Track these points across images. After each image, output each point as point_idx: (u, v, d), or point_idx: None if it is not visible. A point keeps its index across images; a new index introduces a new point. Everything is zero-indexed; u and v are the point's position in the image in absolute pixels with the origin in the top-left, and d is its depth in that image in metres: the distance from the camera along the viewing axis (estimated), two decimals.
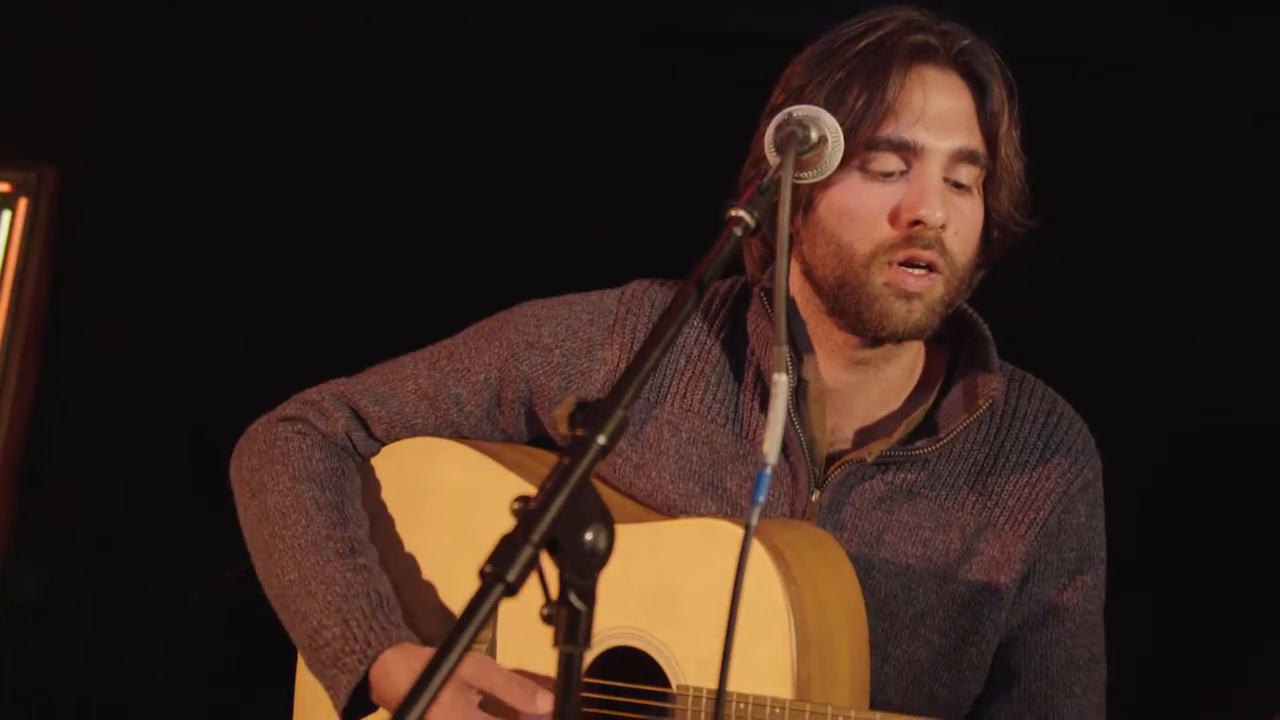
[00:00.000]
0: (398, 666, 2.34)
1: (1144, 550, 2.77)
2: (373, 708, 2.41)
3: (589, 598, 1.64)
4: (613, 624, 2.33)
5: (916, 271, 2.32)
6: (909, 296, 2.32)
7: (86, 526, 3.76)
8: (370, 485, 2.57)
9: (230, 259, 3.69)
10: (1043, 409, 2.50)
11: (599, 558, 1.64)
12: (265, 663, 2.66)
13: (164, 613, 3.68)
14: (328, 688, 2.41)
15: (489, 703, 2.33)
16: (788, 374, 1.84)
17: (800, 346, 2.44)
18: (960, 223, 2.34)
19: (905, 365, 2.46)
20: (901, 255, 2.32)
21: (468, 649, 1.55)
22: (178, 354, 3.72)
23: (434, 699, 1.51)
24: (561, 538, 1.63)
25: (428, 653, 2.32)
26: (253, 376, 2.70)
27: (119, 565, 3.75)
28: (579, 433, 1.67)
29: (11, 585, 3.72)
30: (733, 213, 1.91)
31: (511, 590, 1.57)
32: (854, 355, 2.42)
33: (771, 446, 1.80)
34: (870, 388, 2.45)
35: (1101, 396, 2.60)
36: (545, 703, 2.29)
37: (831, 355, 2.43)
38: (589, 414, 1.69)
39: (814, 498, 2.43)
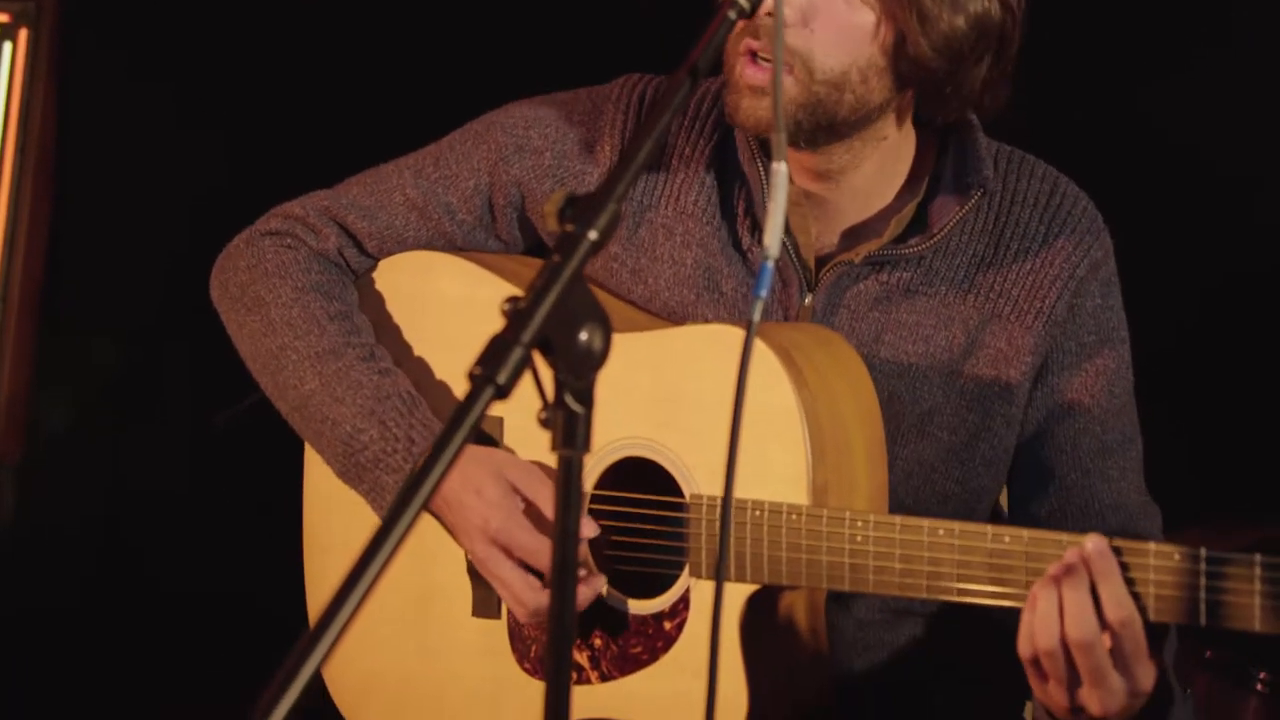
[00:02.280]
0: None
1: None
2: None
3: (586, 400, 1.57)
4: (621, 435, 2.27)
5: (760, 63, 2.22)
6: (750, 90, 2.23)
7: (109, 357, 3.78)
8: (366, 302, 2.49)
9: (236, 77, 3.65)
10: (1044, 189, 2.38)
11: (595, 358, 1.57)
12: (288, 480, 2.62)
13: (188, 438, 3.72)
14: (368, 492, 2.36)
15: (530, 509, 2.29)
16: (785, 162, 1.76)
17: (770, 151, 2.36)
18: (820, 17, 2.21)
19: (872, 171, 2.34)
20: (743, 45, 2.23)
21: (459, 453, 1.49)
22: (189, 178, 3.68)
23: (435, 491, 1.48)
24: (554, 338, 1.56)
25: (473, 451, 2.30)
26: (264, 196, 2.62)
27: (142, 393, 3.78)
28: (569, 228, 1.59)
29: (39, 418, 3.74)
30: None
31: (502, 393, 1.51)
32: (802, 162, 2.32)
33: (773, 238, 1.73)
34: (841, 197, 2.35)
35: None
36: (590, 528, 2.26)
37: (790, 162, 2.33)
38: (579, 208, 1.61)
39: (807, 301, 2.35)
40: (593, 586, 2.27)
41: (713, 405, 2.21)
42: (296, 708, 1.40)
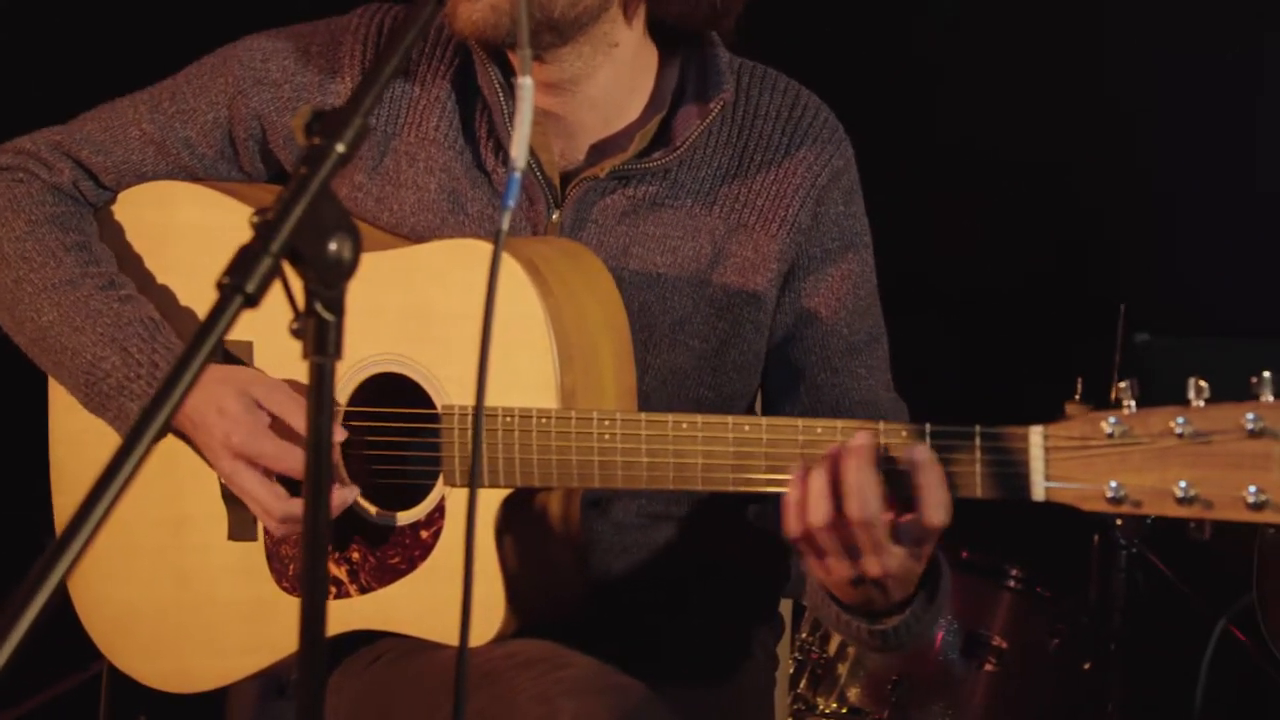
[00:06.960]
0: None
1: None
2: None
3: (337, 308, 1.60)
4: (370, 352, 2.30)
5: None
6: None
7: None
8: (108, 234, 2.48)
9: None
10: (785, 102, 2.46)
11: (345, 267, 1.60)
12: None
13: None
14: (114, 419, 2.36)
15: (278, 424, 2.30)
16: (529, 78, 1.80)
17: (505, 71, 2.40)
18: None
19: (608, 81, 2.38)
20: None
21: (207, 362, 1.51)
22: None
23: (179, 407, 1.47)
24: (303, 248, 1.57)
25: (216, 370, 2.30)
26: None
27: None
28: (315, 141, 1.61)
29: None
30: None
31: (251, 302, 1.52)
32: (535, 75, 2.32)
33: (520, 151, 1.74)
34: (579, 110, 2.39)
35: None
36: (338, 434, 2.29)
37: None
38: (326, 121, 1.63)
39: (554, 217, 2.40)
40: (343, 495, 2.29)
41: (461, 318, 2.25)
42: (29, 636, 1.38)
